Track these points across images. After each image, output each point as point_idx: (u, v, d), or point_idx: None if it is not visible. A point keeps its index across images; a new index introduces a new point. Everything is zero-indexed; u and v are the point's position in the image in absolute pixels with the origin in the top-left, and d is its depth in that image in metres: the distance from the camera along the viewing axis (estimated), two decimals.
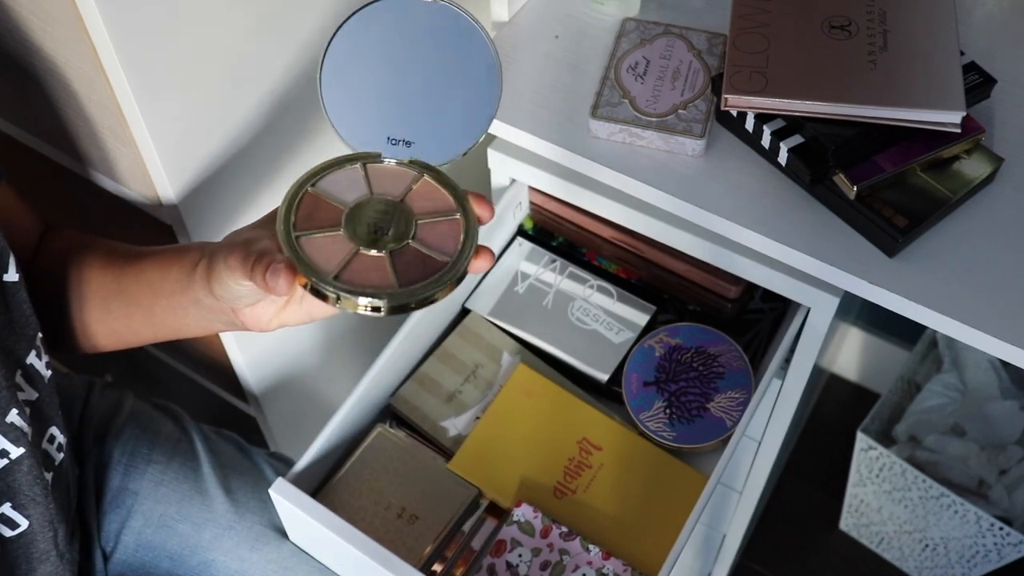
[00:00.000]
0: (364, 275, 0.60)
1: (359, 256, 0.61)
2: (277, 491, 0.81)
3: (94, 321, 0.77)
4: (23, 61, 0.81)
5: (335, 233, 0.61)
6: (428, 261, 0.61)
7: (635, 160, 0.89)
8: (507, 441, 0.92)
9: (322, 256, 0.60)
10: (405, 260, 0.61)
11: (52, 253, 0.78)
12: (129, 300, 0.74)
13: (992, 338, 0.77)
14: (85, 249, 0.77)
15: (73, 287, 0.76)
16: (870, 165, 0.83)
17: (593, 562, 0.86)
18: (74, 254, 0.77)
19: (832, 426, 1.69)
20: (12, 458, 0.68)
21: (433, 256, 0.61)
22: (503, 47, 0.98)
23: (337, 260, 0.60)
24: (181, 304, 0.70)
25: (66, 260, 0.77)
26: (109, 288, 0.75)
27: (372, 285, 0.59)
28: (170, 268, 0.70)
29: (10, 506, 0.69)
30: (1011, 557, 1.37)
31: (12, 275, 0.68)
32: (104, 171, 0.89)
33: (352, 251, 0.61)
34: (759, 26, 0.89)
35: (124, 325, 0.76)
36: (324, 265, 0.60)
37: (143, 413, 0.92)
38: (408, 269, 0.61)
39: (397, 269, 0.60)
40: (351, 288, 0.59)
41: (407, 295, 0.59)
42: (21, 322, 0.69)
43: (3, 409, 0.66)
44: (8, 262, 0.68)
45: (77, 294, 0.76)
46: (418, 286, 0.60)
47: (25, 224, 0.78)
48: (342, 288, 0.59)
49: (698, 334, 0.98)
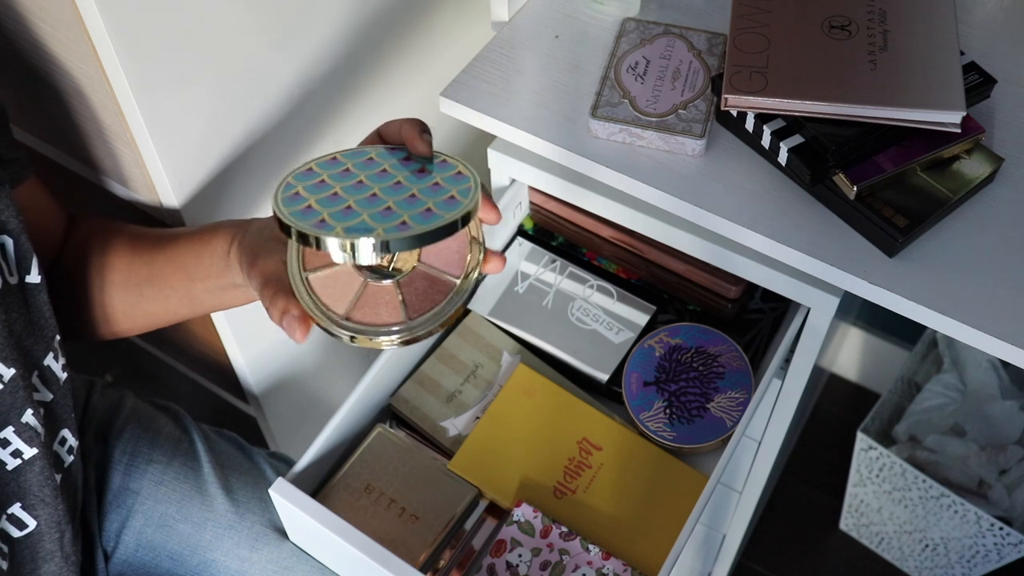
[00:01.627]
0: (375, 309, 0.60)
1: (368, 288, 0.61)
2: (277, 491, 0.81)
3: (118, 305, 0.78)
4: (23, 62, 0.81)
5: (342, 267, 0.61)
6: (436, 284, 0.61)
7: (635, 160, 0.89)
8: (507, 441, 0.92)
9: (332, 293, 0.60)
10: (413, 287, 0.61)
11: (77, 240, 0.79)
12: (164, 284, 0.75)
13: (992, 338, 0.77)
14: (109, 234, 0.78)
15: (95, 273, 0.77)
16: (870, 165, 0.83)
17: (593, 562, 0.86)
18: (98, 240, 0.78)
19: (832, 426, 1.69)
20: (25, 458, 0.68)
21: (441, 277, 0.61)
22: (503, 47, 0.98)
23: (348, 297, 0.60)
24: (219, 286, 0.72)
25: (90, 247, 0.78)
26: (140, 274, 0.76)
27: (383, 320, 0.60)
28: (202, 253, 0.72)
29: (20, 506, 0.70)
30: (1011, 557, 1.37)
31: (35, 277, 0.69)
32: (104, 171, 0.89)
33: (361, 284, 0.61)
34: (759, 26, 0.89)
35: (161, 307, 0.77)
36: (334, 305, 0.60)
37: (144, 413, 0.92)
38: (417, 296, 0.61)
39: (406, 298, 0.61)
40: (362, 329, 0.60)
41: (418, 327, 0.60)
42: (40, 324, 0.70)
43: (19, 409, 0.67)
44: (32, 264, 0.69)
45: (99, 280, 0.77)
46: (428, 316, 0.60)
47: (53, 216, 0.79)
48: (355, 329, 0.60)
49: (698, 334, 0.98)
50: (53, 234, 0.79)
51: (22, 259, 0.68)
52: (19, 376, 0.66)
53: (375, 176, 0.61)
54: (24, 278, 0.68)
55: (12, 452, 0.68)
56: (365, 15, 0.97)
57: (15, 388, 0.66)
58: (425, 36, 1.09)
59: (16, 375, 0.66)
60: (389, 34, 1.02)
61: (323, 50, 0.94)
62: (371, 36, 1.00)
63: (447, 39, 1.13)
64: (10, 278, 0.67)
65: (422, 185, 0.59)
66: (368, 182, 0.60)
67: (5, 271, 0.66)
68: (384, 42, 1.02)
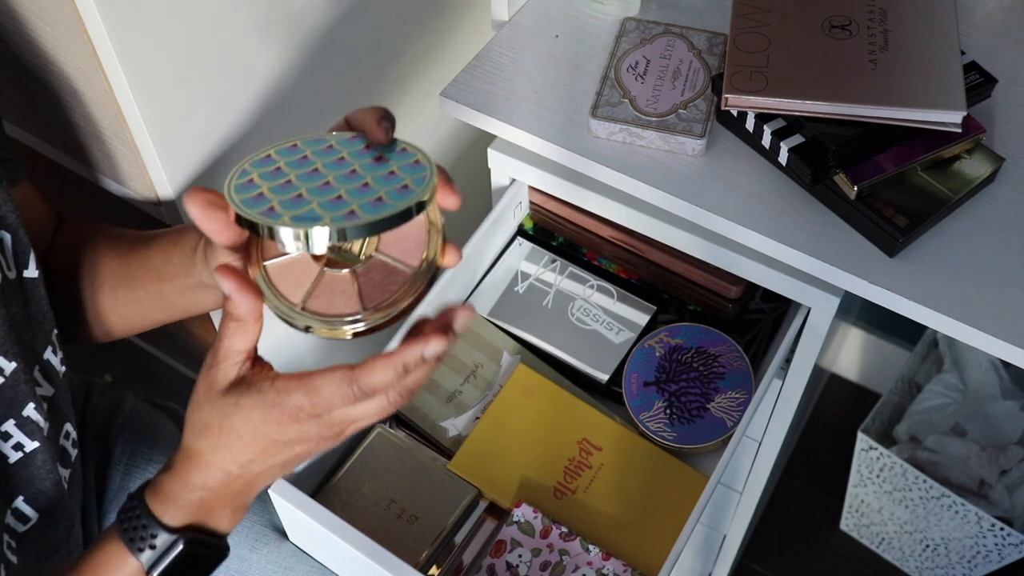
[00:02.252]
0: (331, 298, 0.60)
1: (324, 277, 0.60)
2: (277, 491, 0.81)
3: (96, 309, 0.77)
4: (23, 60, 0.81)
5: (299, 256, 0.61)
6: (393, 274, 0.60)
7: (635, 160, 0.89)
8: (507, 441, 0.92)
9: (289, 283, 0.60)
10: (369, 277, 0.60)
11: (64, 242, 0.79)
12: (135, 286, 0.74)
13: (992, 338, 0.77)
14: (94, 236, 0.78)
15: (85, 274, 0.76)
16: (870, 165, 0.83)
17: (593, 562, 0.85)
18: (84, 241, 0.78)
19: (832, 426, 1.69)
20: (27, 451, 0.68)
21: (397, 267, 0.60)
22: (503, 47, 0.98)
23: (304, 286, 0.60)
24: (187, 286, 0.70)
25: (76, 248, 0.78)
26: (116, 275, 0.75)
27: (338, 310, 0.59)
28: (172, 252, 0.71)
29: (23, 499, 0.69)
30: (1012, 557, 1.37)
31: (32, 271, 0.69)
32: (103, 170, 0.89)
33: (318, 274, 0.60)
34: (759, 26, 0.89)
35: (134, 311, 0.76)
36: (290, 294, 0.59)
37: (143, 413, 0.92)
38: (373, 286, 0.60)
39: (362, 288, 0.60)
40: (319, 318, 0.59)
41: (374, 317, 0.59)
42: (39, 317, 0.70)
43: (21, 403, 0.67)
44: (30, 258, 0.69)
45: (88, 281, 0.76)
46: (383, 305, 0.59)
47: (42, 217, 0.79)
48: (310, 318, 0.59)
49: (698, 334, 0.98)
50: (41, 236, 0.78)
51: (20, 254, 0.68)
52: (20, 370, 0.66)
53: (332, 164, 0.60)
54: (22, 272, 0.68)
55: (13, 445, 0.68)
56: (365, 16, 0.97)
57: (16, 382, 0.66)
58: (425, 36, 1.09)
59: (17, 368, 0.66)
60: (389, 34, 1.02)
61: (323, 50, 0.93)
62: (371, 37, 0.99)
63: (447, 39, 1.13)
64: (9, 272, 0.67)
65: (377, 173, 0.59)
66: (324, 170, 0.59)
67: (4, 266, 0.66)
68: (384, 42, 1.02)
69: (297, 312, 0.59)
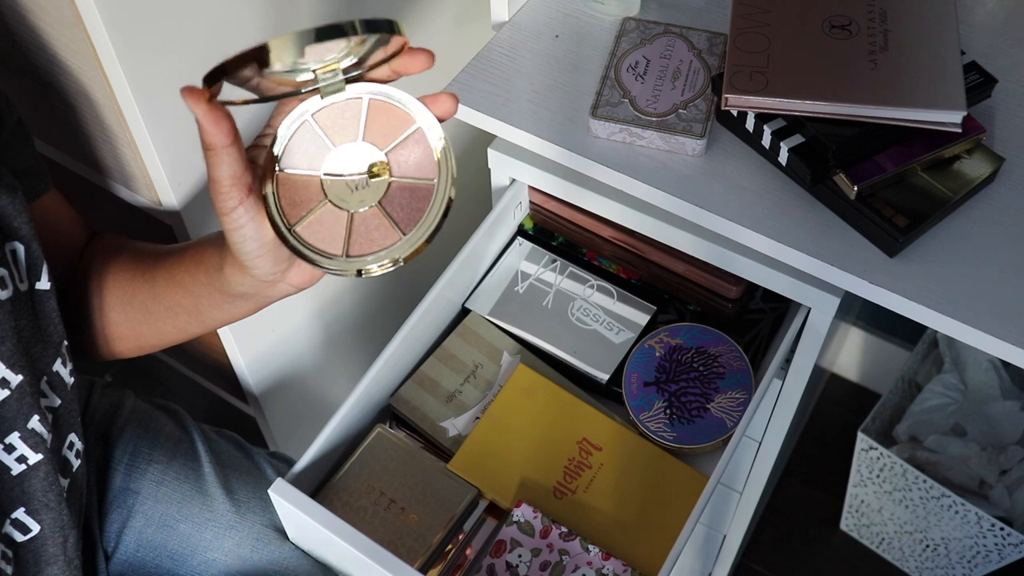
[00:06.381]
0: (368, 236, 0.61)
1: (355, 220, 0.61)
2: (276, 491, 0.81)
3: (119, 325, 0.77)
4: (22, 62, 0.81)
5: (324, 208, 0.61)
6: (416, 191, 0.61)
7: (635, 160, 0.89)
8: (507, 441, 0.92)
9: (324, 237, 0.61)
10: (396, 203, 0.62)
11: (86, 257, 0.79)
12: (170, 303, 0.74)
13: (992, 338, 0.77)
14: (114, 252, 0.78)
15: (94, 293, 0.77)
16: (871, 165, 0.83)
17: (593, 562, 0.85)
18: (102, 258, 0.78)
19: (832, 426, 1.69)
20: (30, 464, 0.68)
21: (419, 184, 0.61)
22: (503, 47, 0.98)
23: (340, 236, 0.61)
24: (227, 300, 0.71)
25: (93, 265, 0.78)
26: (143, 292, 0.75)
27: (380, 244, 0.61)
28: (197, 272, 0.71)
29: (24, 511, 0.70)
30: (1012, 557, 1.37)
31: (44, 283, 0.69)
32: (103, 171, 0.89)
33: (348, 219, 0.61)
34: (759, 26, 0.89)
35: (171, 325, 0.76)
36: (330, 248, 0.61)
37: (144, 413, 0.92)
38: (403, 210, 0.61)
39: (393, 216, 0.61)
40: (367, 258, 0.61)
41: (418, 235, 0.60)
42: (48, 330, 0.70)
43: (26, 415, 0.67)
44: (42, 271, 0.69)
45: (98, 300, 0.77)
46: (421, 223, 0.61)
47: (71, 229, 0.79)
48: (359, 261, 0.61)
49: (698, 334, 0.98)
50: (71, 246, 0.79)
51: (32, 266, 0.68)
52: (27, 383, 0.67)
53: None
54: (34, 284, 0.68)
55: (17, 458, 0.68)
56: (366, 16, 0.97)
57: (22, 395, 0.67)
58: (425, 36, 1.09)
59: (24, 382, 0.66)
60: None
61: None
62: None
63: (447, 39, 1.13)
64: (20, 284, 0.67)
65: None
66: None
67: (16, 278, 0.66)
68: None
69: (343, 260, 0.61)
